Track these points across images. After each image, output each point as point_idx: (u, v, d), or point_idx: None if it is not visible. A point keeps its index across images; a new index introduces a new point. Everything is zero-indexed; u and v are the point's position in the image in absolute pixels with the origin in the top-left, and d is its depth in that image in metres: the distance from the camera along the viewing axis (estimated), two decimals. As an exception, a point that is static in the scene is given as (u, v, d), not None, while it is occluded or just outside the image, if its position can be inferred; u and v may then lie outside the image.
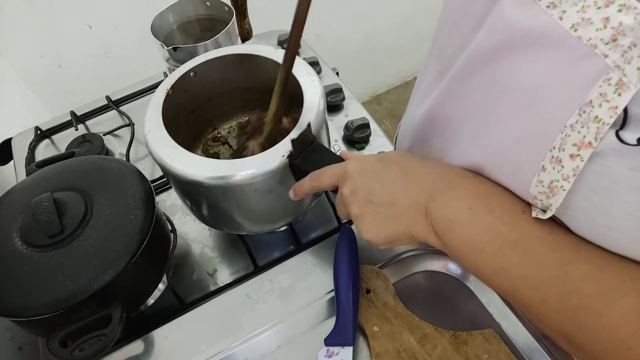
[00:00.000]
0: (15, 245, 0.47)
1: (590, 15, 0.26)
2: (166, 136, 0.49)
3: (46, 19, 1.08)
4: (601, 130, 0.26)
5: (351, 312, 0.49)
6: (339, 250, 0.53)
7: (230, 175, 0.45)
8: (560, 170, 0.29)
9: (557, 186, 0.29)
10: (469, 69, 0.37)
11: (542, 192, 0.31)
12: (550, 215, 0.31)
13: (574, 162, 0.28)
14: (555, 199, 0.30)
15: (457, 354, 0.47)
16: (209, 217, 0.54)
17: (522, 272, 0.34)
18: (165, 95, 0.53)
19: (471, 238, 0.36)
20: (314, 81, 0.51)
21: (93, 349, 0.43)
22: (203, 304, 0.55)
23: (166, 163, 0.47)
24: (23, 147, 0.80)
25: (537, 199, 0.32)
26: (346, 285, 0.50)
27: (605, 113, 0.26)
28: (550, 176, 0.30)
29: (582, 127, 0.27)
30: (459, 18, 0.40)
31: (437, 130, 0.45)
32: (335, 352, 0.48)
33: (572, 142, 0.28)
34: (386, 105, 1.96)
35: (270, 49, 0.56)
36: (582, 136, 0.27)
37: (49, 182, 0.53)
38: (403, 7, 1.67)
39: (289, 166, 0.46)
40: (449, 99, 0.42)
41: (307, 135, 0.47)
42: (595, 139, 0.26)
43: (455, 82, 0.40)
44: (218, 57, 0.57)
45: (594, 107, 0.27)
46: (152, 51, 0.76)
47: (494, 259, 0.35)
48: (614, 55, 0.25)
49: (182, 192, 0.53)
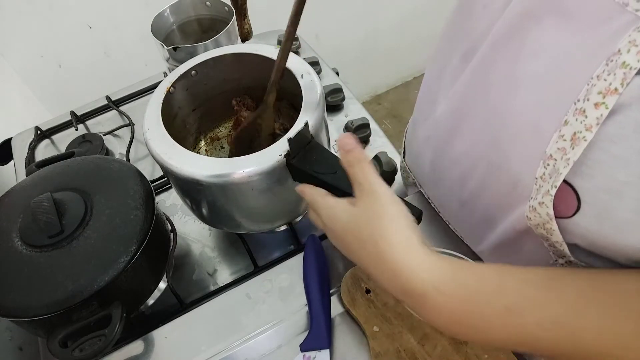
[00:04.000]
0: (15, 245, 0.47)
1: None
2: (165, 134, 0.49)
3: (46, 19, 1.08)
4: (628, 76, 0.26)
5: (323, 316, 0.50)
6: (307, 257, 0.55)
7: (228, 173, 0.45)
8: (584, 120, 0.28)
9: (579, 137, 0.29)
10: (497, 41, 0.37)
11: (560, 147, 0.30)
12: (555, 188, 0.30)
13: (598, 110, 0.28)
14: (575, 152, 0.29)
15: (457, 353, 0.47)
16: (208, 216, 0.54)
17: (537, 351, 0.34)
18: (165, 93, 0.53)
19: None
20: (313, 81, 0.51)
21: (93, 349, 0.43)
22: (203, 304, 0.55)
23: (164, 161, 0.47)
24: (23, 147, 0.80)
25: (551, 159, 0.31)
26: (316, 291, 0.52)
27: (633, 58, 0.26)
28: (572, 128, 0.29)
29: (608, 74, 0.27)
30: (487, 2, 0.39)
31: (456, 131, 0.44)
32: (312, 357, 0.49)
33: (598, 91, 0.28)
34: (386, 105, 1.96)
35: (270, 49, 0.56)
36: (608, 83, 0.27)
37: (49, 182, 0.53)
38: (403, 7, 1.67)
39: (286, 165, 0.46)
40: (473, 79, 0.41)
41: (305, 135, 0.47)
42: (621, 85, 0.26)
43: (481, 59, 0.39)
44: (219, 56, 0.57)
45: (622, 54, 0.26)
46: (152, 51, 0.76)
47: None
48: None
49: (181, 191, 0.53)
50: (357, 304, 0.51)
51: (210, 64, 0.57)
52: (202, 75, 0.58)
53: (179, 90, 0.56)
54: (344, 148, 0.40)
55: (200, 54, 0.57)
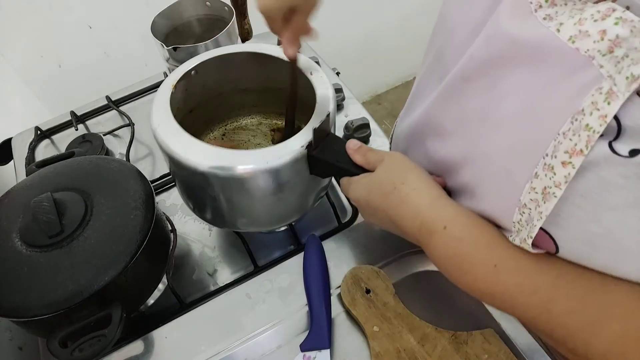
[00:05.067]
0: (15, 245, 0.47)
1: (587, 27, 0.27)
2: (178, 127, 0.47)
3: (46, 19, 1.08)
4: (592, 139, 0.26)
5: (325, 316, 0.50)
6: (307, 257, 0.55)
7: (238, 166, 0.44)
8: (552, 177, 0.29)
9: (550, 193, 0.30)
10: (467, 76, 0.38)
11: (533, 199, 0.31)
12: (532, 238, 0.32)
13: (566, 169, 0.28)
14: (546, 206, 0.30)
15: (457, 354, 0.47)
16: (215, 214, 0.54)
17: (507, 311, 0.37)
18: (172, 90, 0.52)
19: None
20: (323, 77, 0.52)
21: (93, 349, 0.43)
22: (203, 304, 0.55)
23: (180, 156, 0.45)
24: (23, 147, 0.80)
25: (525, 207, 0.32)
26: (316, 291, 0.52)
27: (596, 121, 0.26)
28: (542, 183, 0.30)
29: (573, 134, 0.27)
30: (456, 25, 0.40)
31: (433, 133, 0.45)
32: (313, 357, 0.49)
33: (564, 150, 0.28)
34: (386, 105, 1.96)
35: (270, 47, 0.56)
36: (573, 144, 0.27)
37: (49, 182, 0.53)
38: (403, 7, 1.67)
39: (307, 157, 0.46)
40: (445, 102, 0.42)
41: (325, 126, 0.48)
42: (586, 147, 0.27)
43: (452, 87, 0.40)
44: (218, 55, 0.56)
45: (585, 115, 0.27)
46: (152, 51, 0.76)
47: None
48: (608, 66, 0.26)
49: (186, 185, 0.52)
50: (357, 304, 0.51)
51: (211, 64, 0.56)
52: (203, 76, 0.57)
53: (178, 90, 0.55)
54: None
55: (201, 53, 0.57)
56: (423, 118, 0.47)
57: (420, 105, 0.48)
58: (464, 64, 0.38)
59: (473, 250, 0.37)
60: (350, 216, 0.62)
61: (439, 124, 0.44)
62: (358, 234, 0.60)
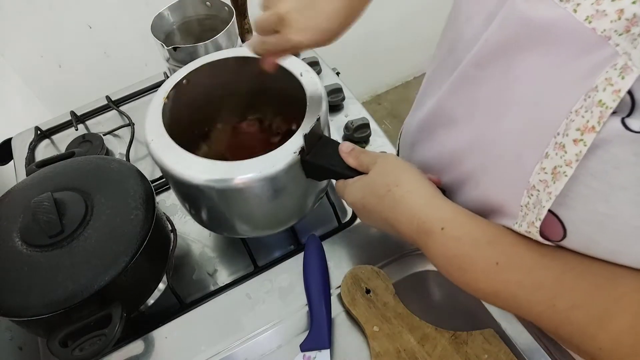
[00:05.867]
0: (16, 245, 0.47)
1: (604, 7, 0.26)
2: (171, 142, 0.47)
3: (46, 19, 1.08)
4: (604, 114, 0.26)
5: (325, 316, 0.50)
6: (307, 257, 0.55)
7: (234, 177, 0.44)
8: (563, 155, 0.29)
9: (560, 172, 0.29)
10: (480, 63, 0.37)
11: (542, 180, 0.31)
12: (540, 221, 0.31)
13: (577, 147, 0.28)
14: (556, 186, 0.29)
15: (457, 354, 0.47)
16: (214, 223, 0.54)
17: (511, 309, 0.36)
18: (163, 103, 0.51)
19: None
20: (313, 78, 0.51)
21: (93, 349, 0.43)
22: (203, 304, 0.55)
23: (175, 170, 0.45)
24: (23, 147, 0.80)
25: (534, 189, 0.32)
26: (316, 291, 0.52)
27: (609, 97, 0.26)
28: (553, 162, 0.30)
29: (586, 111, 0.27)
30: (471, 13, 0.40)
31: (441, 124, 0.45)
32: (313, 357, 0.49)
33: (576, 127, 0.28)
34: (386, 105, 1.96)
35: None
36: (585, 120, 0.27)
37: (49, 182, 0.53)
38: (403, 7, 1.67)
39: (301, 162, 0.46)
40: (456, 92, 0.42)
41: (317, 131, 0.47)
42: (598, 123, 0.26)
43: (464, 76, 0.40)
44: (208, 62, 0.56)
45: (599, 91, 0.26)
46: (152, 51, 0.76)
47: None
48: (624, 44, 0.25)
49: (184, 197, 0.52)
50: (357, 304, 0.51)
51: (202, 71, 0.55)
52: (195, 84, 0.56)
53: (172, 99, 0.54)
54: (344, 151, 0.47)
55: (193, 61, 0.56)
56: (433, 110, 0.46)
57: (430, 100, 0.47)
58: (478, 50, 0.37)
59: (473, 249, 0.37)
60: (351, 216, 0.62)
61: (449, 114, 0.43)
62: (358, 234, 0.60)
